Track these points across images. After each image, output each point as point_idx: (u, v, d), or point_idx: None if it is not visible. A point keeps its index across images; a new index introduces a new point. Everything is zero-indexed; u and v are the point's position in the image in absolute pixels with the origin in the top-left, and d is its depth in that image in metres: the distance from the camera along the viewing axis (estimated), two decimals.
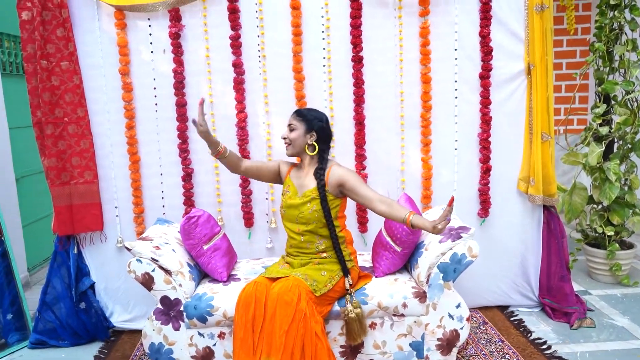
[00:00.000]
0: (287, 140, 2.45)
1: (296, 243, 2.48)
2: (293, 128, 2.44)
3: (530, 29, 2.93)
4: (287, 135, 2.45)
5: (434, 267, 2.47)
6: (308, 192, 2.43)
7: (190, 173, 3.07)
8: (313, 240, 2.45)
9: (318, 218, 2.40)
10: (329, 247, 2.45)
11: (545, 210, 3.13)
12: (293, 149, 2.46)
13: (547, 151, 3.02)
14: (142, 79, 2.99)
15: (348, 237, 2.53)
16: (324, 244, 2.45)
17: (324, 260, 2.45)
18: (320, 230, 2.43)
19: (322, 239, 2.45)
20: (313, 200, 2.41)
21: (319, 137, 2.46)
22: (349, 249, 2.51)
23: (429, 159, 3.09)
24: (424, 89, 3.02)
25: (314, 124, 2.45)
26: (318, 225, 2.42)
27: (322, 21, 2.97)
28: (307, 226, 2.43)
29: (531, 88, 3.00)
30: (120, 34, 2.93)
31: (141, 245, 2.48)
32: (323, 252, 2.47)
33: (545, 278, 3.16)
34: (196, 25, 2.96)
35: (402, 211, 2.29)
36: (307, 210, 2.41)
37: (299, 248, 2.48)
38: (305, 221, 2.42)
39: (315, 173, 2.43)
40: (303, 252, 2.48)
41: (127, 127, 3.01)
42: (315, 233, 2.44)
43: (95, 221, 3.04)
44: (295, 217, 2.44)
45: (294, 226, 2.47)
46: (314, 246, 2.46)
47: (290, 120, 2.47)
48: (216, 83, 3.02)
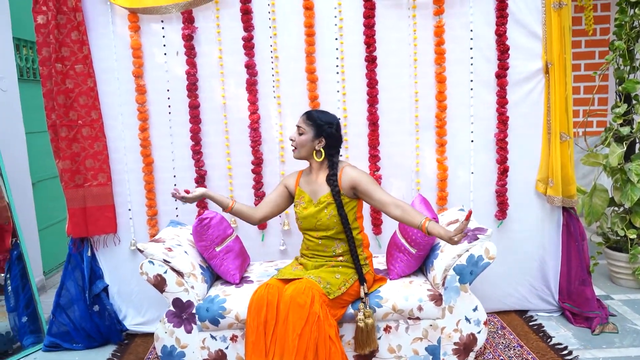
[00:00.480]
0: (294, 143, 2.40)
1: (313, 245, 2.45)
2: (302, 132, 2.37)
3: (548, 27, 2.87)
4: (294, 137, 2.39)
5: (450, 270, 2.41)
6: (323, 197, 2.39)
7: (204, 175, 3.06)
8: (331, 244, 2.41)
9: (337, 223, 2.37)
10: (346, 251, 2.41)
11: (565, 212, 3.05)
12: (299, 153, 2.40)
13: (566, 151, 2.95)
14: (156, 82, 2.99)
15: (365, 240, 2.49)
16: (341, 247, 2.42)
17: (339, 263, 2.41)
18: (339, 234, 2.40)
19: (340, 243, 2.41)
20: (329, 206, 2.37)
21: (327, 143, 2.38)
22: (365, 253, 2.47)
23: (445, 160, 3.03)
24: (438, 89, 2.97)
25: (324, 129, 2.36)
26: (337, 230, 2.38)
27: (335, 21, 2.94)
28: (327, 232, 2.39)
29: (549, 87, 2.93)
30: (133, 37, 2.93)
31: (153, 247, 2.47)
32: (339, 256, 2.43)
33: (565, 282, 3.07)
34: (209, 27, 2.96)
35: (417, 217, 2.23)
36: (325, 217, 2.37)
37: (315, 250, 2.45)
38: (324, 227, 2.39)
39: (328, 180, 2.38)
40: (319, 255, 2.44)
41: (141, 130, 3.00)
42: (334, 238, 2.40)
43: (108, 224, 3.04)
44: (314, 225, 2.40)
45: (313, 232, 2.44)
46: (330, 250, 2.42)
47: (299, 122, 2.40)
48: (229, 85, 3.01)
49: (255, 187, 3.06)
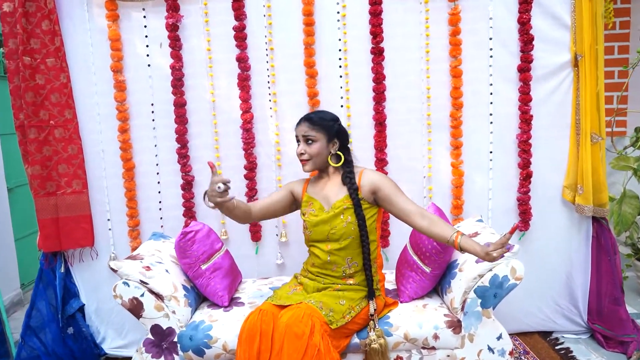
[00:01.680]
0: (307, 156, 2.08)
1: (320, 263, 2.12)
2: (312, 140, 2.07)
3: (578, 14, 2.55)
4: (305, 150, 2.07)
5: (471, 292, 2.09)
6: (338, 202, 2.08)
7: (191, 181, 2.75)
8: (341, 263, 2.10)
9: (354, 232, 2.06)
10: (358, 271, 2.10)
11: (595, 223, 2.74)
12: (314, 164, 2.09)
13: (597, 154, 2.63)
14: (137, 77, 2.68)
15: (379, 259, 2.19)
16: (353, 268, 2.10)
17: (346, 287, 2.09)
18: (354, 249, 2.08)
19: (353, 261, 2.10)
20: (346, 211, 2.06)
21: (341, 143, 2.12)
22: (378, 275, 2.16)
23: (460, 164, 2.72)
24: (454, 85, 2.65)
25: (334, 128, 2.11)
26: (353, 242, 2.07)
27: (338, 9, 2.63)
28: (340, 243, 2.07)
29: (578, 82, 2.62)
30: (112, 27, 2.62)
31: (129, 266, 2.15)
32: (350, 278, 2.11)
33: (595, 300, 2.76)
34: (196, 15, 2.64)
35: (448, 230, 1.93)
36: (340, 224, 2.06)
37: (322, 269, 2.13)
38: (338, 237, 2.07)
39: (345, 178, 2.09)
40: (325, 275, 2.13)
41: (120, 131, 2.69)
42: (347, 253, 2.08)
43: (85, 236, 2.73)
44: (327, 233, 2.08)
45: (323, 245, 2.11)
46: (340, 269, 2.10)
47: (304, 131, 2.08)
48: (219, 80, 2.69)
49: (248, 195, 2.74)
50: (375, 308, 2.08)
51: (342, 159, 2.11)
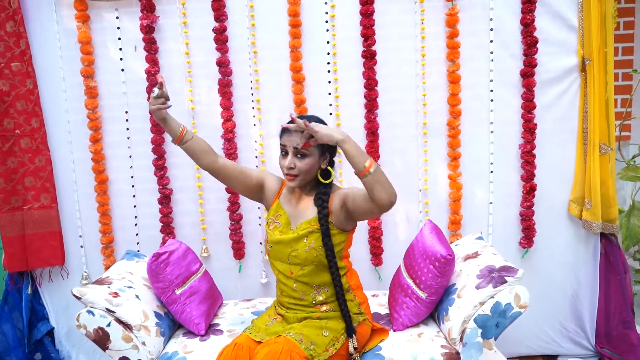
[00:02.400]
0: (296, 170, 1.81)
1: (288, 291, 1.92)
2: (305, 154, 1.80)
3: (586, 14, 2.36)
4: (295, 164, 1.81)
5: (470, 321, 1.89)
6: (304, 223, 1.87)
7: (169, 195, 2.55)
8: (309, 290, 1.89)
9: (317, 258, 1.84)
10: (330, 296, 1.89)
11: (603, 239, 2.55)
12: (302, 181, 1.84)
13: (606, 166, 2.44)
14: (110, 83, 2.50)
15: (355, 281, 1.96)
16: (323, 293, 1.89)
17: (325, 315, 1.89)
18: (319, 275, 1.87)
19: (321, 288, 1.89)
20: (311, 235, 1.85)
21: (331, 156, 1.89)
22: (358, 298, 1.94)
23: (458, 177, 2.52)
24: (451, 90, 2.46)
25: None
26: (317, 268, 1.85)
27: (326, 9, 2.43)
28: (302, 269, 1.86)
29: (586, 88, 2.43)
30: (82, 28, 2.43)
31: (94, 292, 1.95)
32: (323, 305, 1.90)
33: (603, 323, 2.57)
34: (173, 16, 2.45)
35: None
36: (302, 248, 1.85)
37: (292, 297, 1.92)
38: (299, 262, 1.86)
39: (317, 199, 1.86)
40: (297, 305, 1.92)
41: (92, 141, 2.50)
42: (312, 279, 1.87)
43: (54, 254, 2.54)
44: (287, 255, 1.88)
45: (284, 267, 1.90)
46: (309, 297, 1.89)
47: (296, 142, 1.78)
48: (198, 86, 2.51)
49: (230, 210, 2.54)
50: (356, 347, 1.86)
51: (332, 176, 1.87)
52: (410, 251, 2.16)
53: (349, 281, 1.92)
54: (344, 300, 1.85)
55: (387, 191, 1.66)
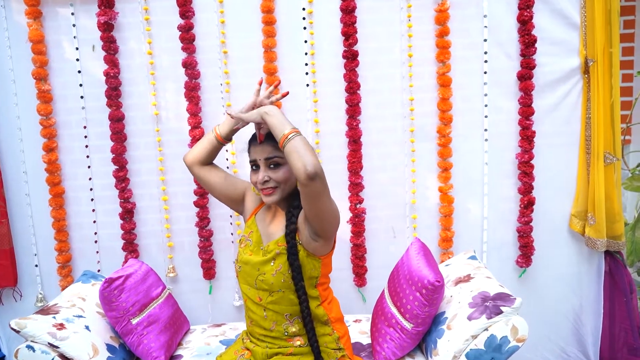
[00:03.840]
0: (273, 183, 1.62)
1: (258, 320, 1.69)
2: (278, 163, 1.61)
3: (589, 12, 2.16)
4: (270, 176, 1.61)
5: (462, 356, 1.68)
6: (272, 244, 1.64)
7: (131, 209, 2.32)
8: (279, 320, 1.66)
9: (286, 284, 1.61)
10: (304, 330, 1.66)
11: (608, 257, 2.35)
12: (282, 192, 1.63)
13: (611, 177, 2.24)
14: (65, 86, 2.28)
15: (335, 313, 1.73)
16: (296, 324, 1.66)
17: (299, 350, 1.66)
18: (291, 303, 1.64)
19: (293, 318, 1.66)
20: (279, 257, 1.61)
21: None
22: (337, 332, 1.71)
23: (450, 189, 2.31)
24: (441, 94, 2.24)
25: None
26: (286, 295, 1.63)
27: (304, 4, 2.22)
28: (271, 295, 1.63)
29: (589, 92, 2.23)
30: (33, 26, 2.20)
31: (36, 325, 1.72)
32: (296, 338, 1.67)
33: (607, 348, 2.38)
34: (134, 14, 2.23)
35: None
36: (269, 272, 1.61)
37: (261, 329, 1.69)
38: (267, 287, 1.63)
39: (287, 213, 1.64)
40: (269, 336, 1.69)
41: (46, 150, 2.27)
42: (282, 308, 1.64)
43: (5, 274, 2.32)
44: (254, 279, 1.65)
45: (252, 292, 1.68)
46: (281, 328, 1.66)
47: (268, 152, 1.62)
48: (163, 90, 2.28)
49: (199, 225, 2.32)
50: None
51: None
52: (394, 274, 1.94)
53: (328, 313, 1.69)
54: (312, 328, 1.62)
55: (303, 159, 1.42)
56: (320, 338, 1.66)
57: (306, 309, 1.61)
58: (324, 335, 1.67)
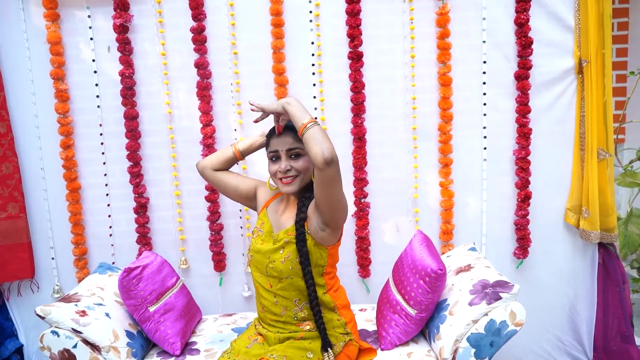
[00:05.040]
0: (294, 172, 1.73)
1: (269, 306, 1.79)
2: (299, 154, 1.72)
3: (583, 14, 2.25)
4: (292, 165, 1.72)
5: (463, 340, 1.77)
6: (282, 233, 1.75)
7: (145, 203, 2.41)
8: (289, 305, 1.76)
9: (294, 271, 1.71)
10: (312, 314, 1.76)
11: (601, 249, 2.44)
12: (302, 182, 1.74)
13: (604, 173, 2.33)
14: (82, 85, 2.36)
15: (340, 300, 1.84)
16: (305, 310, 1.76)
17: (309, 335, 1.76)
18: (299, 290, 1.74)
19: (302, 303, 1.76)
20: (288, 245, 1.72)
21: None
22: (344, 317, 1.81)
23: (450, 184, 2.40)
24: (442, 94, 2.34)
25: None
26: (295, 281, 1.73)
27: (311, 7, 2.31)
28: (280, 282, 1.74)
29: (583, 91, 2.32)
30: (51, 28, 2.29)
31: (59, 311, 1.81)
32: (305, 323, 1.77)
33: (601, 336, 2.46)
34: (148, 15, 2.31)
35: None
36: (279, 260, 1.72)
37: (273, 314, 1.79)
38: (276, 274, 1.73)
39: (299, 201, 1.75)
40: (279, 322, 1.79)
41: (63, 147, 2.36)
42: (292, 294, 1.75)
43: (23, 266, 2.39)
44: (265, 267, 1.75)
45: (263, 280, 1.78)
46: (291, 313, 1.77)
47: (289, 143, 1.72)
48: (175, 89, 2.37)
49: (210, 219, 2.41)
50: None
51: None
52: (399, 264, 2.04)
53: (335, 300, 1.80)
54: (319, 312, 1.73)
55: (321, 145, 1.53)
56: (327, 323, 1.76)
57: (313, 293, 1.71)
58: (332, 320, 1.77)
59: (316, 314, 1.73)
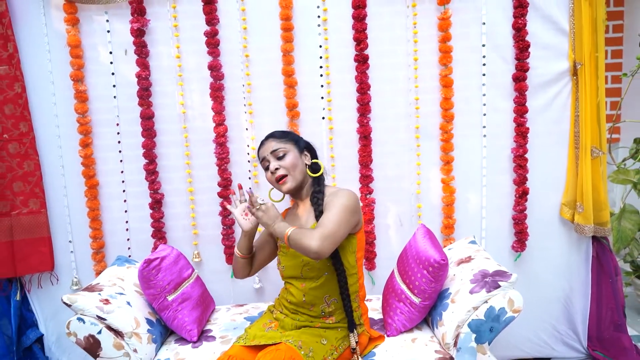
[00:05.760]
0: (283, 170, 1.84)
1: (296, 301, 1.91)
2: (283, 152, 1.85)
3: (577, 19, 2.37)
4: (279, 164, 1.84)
5: (464, 326, 1.89)
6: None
7: (160, 199, 2.52)
8: (318, 302, 1.88)
9: (330, 268, 1.84)
10: (339, 309, 1.89)
11: (595, 242, 2.56)
12: (294, 179, 1.85)
13: (597, 170, 2.45)
14: (100, 87, 2.46)
15: (363, 292, 1.97)
16: (332, 305, 1.89)
17: (327, 326, 1.88)
18: (332, 285, 1.86)
19: (332, 299, 1.88)
20: None
21: (311, 155, 1.94)
22: (362, 309, 1.95)
23: (451, 181, 2.52)
24: (444, 95, 2.46)
25: (300, 140, 1.94)
26: (331, 277, 1.85)
27: (319, 12, 2.42)
28: (316, 281, 1.86)
29: (577, 92, 2.43)
30: (71, 32, 2.40)
31: (85, 299, 1.92)
32: (330, 317, 1.90)
33: (595, 325, 2.58)
34: (164, 19, 2.43)
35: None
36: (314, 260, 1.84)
37: (299, 307, 1.91)
38: (314, 274, 1.85)
39: (313, 198, 1.86)
40: (302, 313, 1.91)
41: (82, 145, 2.47)
42: (324, 291, 1.87)
43: (43, 260, 2.50)
44: (300, 270, 1.87)
45: (297, 282, 1.91)
46: (319, 309, 1.89)
47: (272, 147, 1.86)
48: (189, 90, 2.48)
49: (222, 214, 2.52)
50: (357, 341, 1.87)
51: (322, 168, 1.90)
52: (403, 256, 2.15)
53: (360, 290, 1.93)
54: (350, 306, 1.85)
55: (303, 251, 1.68)
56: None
57: (344, 280, 1.82)
58: (352, 311, 1.90)
59: (347, 307, 1.84)
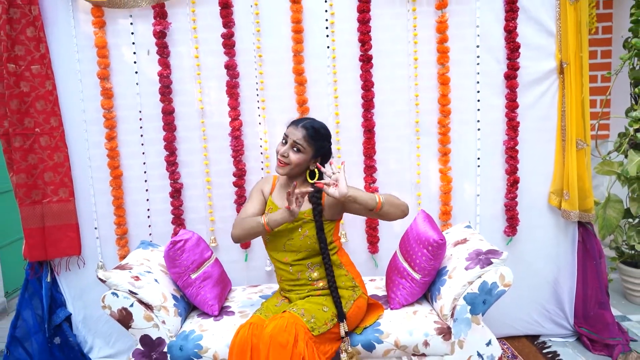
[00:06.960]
0: (287, 160, 2.04)
1: (286, 275, 2.14)
2: (300, 150, 2.02)
3: (563, 22, 2.58)
4: (288, 154, 2.03)
5: (460, 299, 2.11)
6: (300, 214, 2.07)
7: (179, 189, 2.73)
8: (303, 270, 2.12)
9: (311, 246, 2.07)
10: (324, 273, 2.11)
11: (581, 227, 2.77)
12: (290, 171, 2.06)
13: (582, 160, 2.66)
14: (124, 84, 2.66)
15: (345, 259, 2.19)
16: (316, 270, 2.12)
17: (323, 292, 2.11)
18: (312, 257, 2.10)
19: (313, 265, 2.11)
20: (305, 225, 2.07)
21: (321, 162, 2.12)
22: (350, 272, 2.16)
23: (448, 171, 2.73)
24: (441, 92, 2.67)
25: (323, 149, 2.08)
26: (309, 253, 2.09)
27: (326, 16, 2.63)
28: (297, 254, 2.09)
29: (564, 89, 2.65)
30: (98, 34, 2.59)
31: (118, 276, 2.13)
32: (318, 281, 2.12)
33: (581, 304, 2.79)
34: (184, 20, 2.63)
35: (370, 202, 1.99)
36: (298, 236, 2.07)
37: (291, 280, 2.14)
38: (295, 249, 2.09)
39: (312, 196, 2.07)
40: (297, 285, 2.14)
41: (108, 138, 2.67)
42: (305, 262, 2.11)
43: (71, 245, 2.69)
44: (283, 244, 2.10)
45: (280, 255, 2.13)
46: (305, 275, 2.12)
47: (297, 137, 2.01)
48: (207, 88, 2.68)
49: (237, 202, 2.73)
50: (347, 330, 2.04)
51: (317, 177, 2.08)
52: (405, 237, 2.36)
53: (340, 258, 2.15)
54: (334, 281, 2.06)
55: (400, 209, 2.02)
56: (337, 278, 2.10)
57: (329, 265, 2.05)
58: (340, 276, 2.12)
59: (333, 291, 2.05)
